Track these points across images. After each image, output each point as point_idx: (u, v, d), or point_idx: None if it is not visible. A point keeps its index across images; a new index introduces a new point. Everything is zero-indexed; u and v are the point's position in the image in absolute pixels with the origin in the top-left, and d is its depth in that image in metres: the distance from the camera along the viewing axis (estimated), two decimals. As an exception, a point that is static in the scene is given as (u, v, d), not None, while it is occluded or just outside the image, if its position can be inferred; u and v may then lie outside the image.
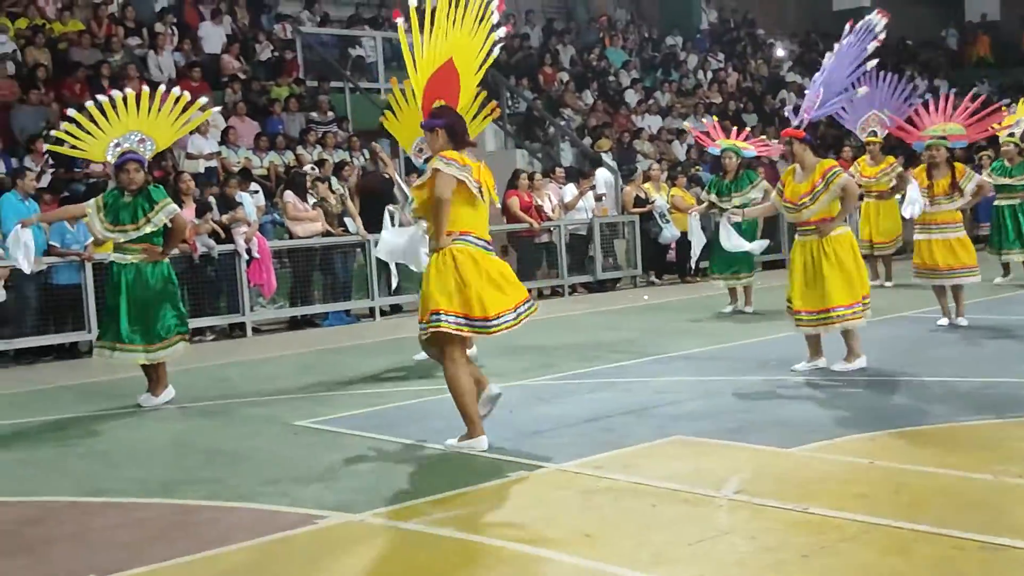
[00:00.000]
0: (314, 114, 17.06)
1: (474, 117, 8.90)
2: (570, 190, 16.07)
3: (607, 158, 17.93)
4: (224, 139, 15.20)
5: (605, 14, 25.63)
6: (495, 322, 6.11)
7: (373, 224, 14.47)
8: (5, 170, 12.82)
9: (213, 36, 17.73)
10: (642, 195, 16.38)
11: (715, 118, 14.52)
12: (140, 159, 8.24)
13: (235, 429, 7.34)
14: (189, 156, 14.60)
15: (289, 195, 13.70)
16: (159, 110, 8.38)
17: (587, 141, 19.06)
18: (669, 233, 16.08)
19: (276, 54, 18.23)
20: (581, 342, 10.53)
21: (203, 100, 8.58)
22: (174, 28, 17.24)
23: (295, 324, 13.31)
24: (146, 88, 8.59)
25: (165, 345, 8.26)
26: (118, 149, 8.28)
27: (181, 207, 12.00)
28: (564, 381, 8.44)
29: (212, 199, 12.73)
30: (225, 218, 12.48)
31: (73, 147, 8.54)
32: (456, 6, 6.51)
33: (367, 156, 16.48)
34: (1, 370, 10.94)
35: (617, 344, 10.26)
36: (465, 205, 6.17)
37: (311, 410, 7.74)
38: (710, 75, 24.68)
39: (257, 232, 12.67)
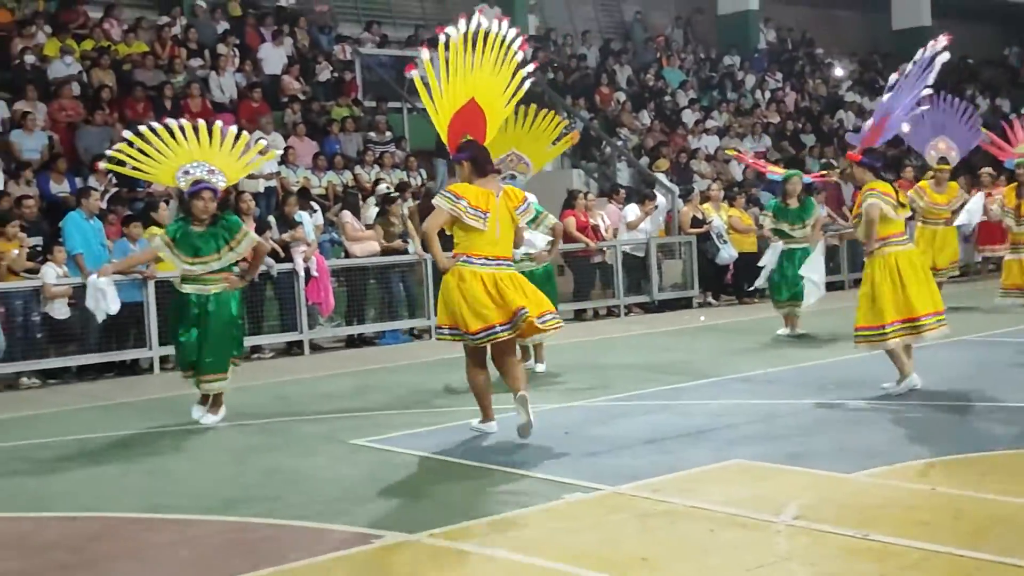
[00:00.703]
0: (372, 134, 17.21)
1: (555, 141, 9.74)
2: (632, 210, 16.01)
3: (664, 178, 17.87)
4: (283, 159, 15.38)
5: (662, 34, 25.60)
6: (479, 335, 6.98)
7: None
8: (70, 190, 13.07)
9: (273, 57, 17.96)
10: (699, 215, 16.32)
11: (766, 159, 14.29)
12: (215, 188, 8.25)
13: (293, 447, 7.40)
14: (249, 176, 14.75)
15: (347, 214, 13.83)
16: (220, 145, 8.45)
17: (644, 161, 19.02)
18: (727, 254, 15.99)
19: (335, 75, 18.43)
20: (637, 363, 10.49)
21: (264, 143, 8.82)
22: (236, 50, 17.50)
23: (351, 343, 13.40)
24: (202, 121, 8.59)
25: (228, 372, 8.40)
26: (189, 176, 8.30)
27: (241, 227, 12.24)
28: (620, 402, 8.41)
29: (272, 218, 12.87)
30: (285, 236, 12.61)
31: (135, 168, 8.62)
32: (474, 51, 7.37)
33: (424, 176, 16.59)
34: (64, 386, 11.13)
35: (674, 365, 10.21)
36: (468, 230, 7.00)
37: (368, 429, 7.79)
38: (768, 95, 24.55)
39: (316, 251, 12.80)
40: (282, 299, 12.63)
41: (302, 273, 12.53)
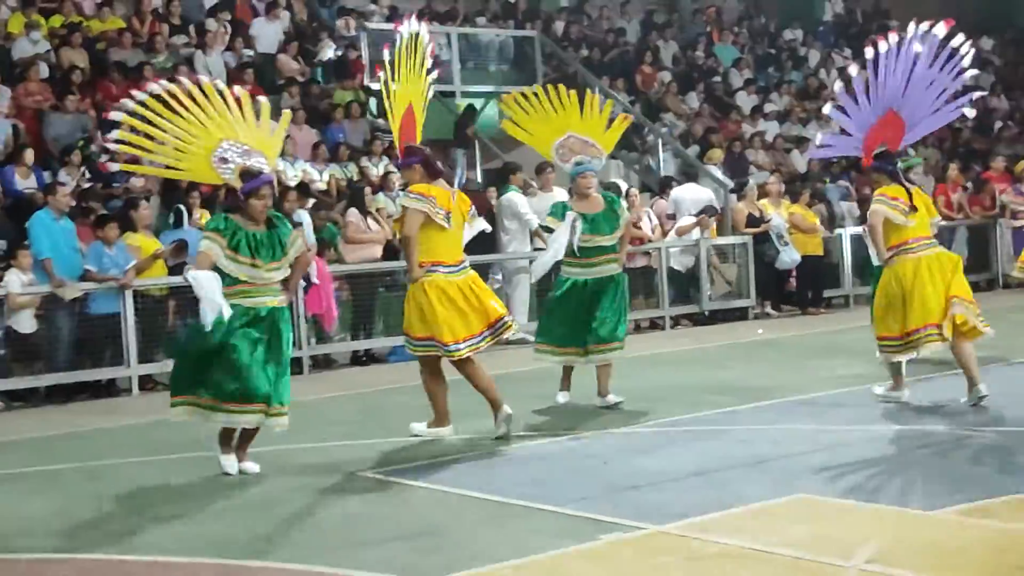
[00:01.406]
0: (380, 121, 17.28)
1: (608, 127, 10.02)
2: (686, 219, 15.99)
3: (716, 171, 17.86)
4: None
5: (713, 5, 25.60)
6: (459, 346, 8.04)
7: (476, 245, 14.63)
8: (38, 185, 13.19)
9: (268, 33, 18.07)
10: (756, 213, 16.30)
11: None
12: (272, 180, 7.61)
13: (291, 479, 7.45)
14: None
15: (354, 213, 13.90)
16: (243, 114, 7.78)
17: (693, 151, 19.03)
18: (788, 257, 15.94)
19: (339, 53, 18.52)
20: (685, 383, 10.51)
21: (264, 101, 8.23)
22: (226, 25, 17.61)
23: (356, 360, 13.48)
24: (204, 80, 7.97)
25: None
26: (230, 165, 7.60)
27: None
28: (665, 428, 8.43)
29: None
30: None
31: (166, 166, 8.00)
32: (409, 59, 8.59)
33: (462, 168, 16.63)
34: (31, 410, 11.23)
35: (727, 386, 10.22)
36: (435, 234, 8.03)
37: (376, 459, 7.84)
38: (835, 74, 24.48)
39: (316, 256, 12.86)
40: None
41: (301, 281, 12.58)
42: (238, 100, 7.80)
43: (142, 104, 7.69)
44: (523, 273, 14.55)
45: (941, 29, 9.05)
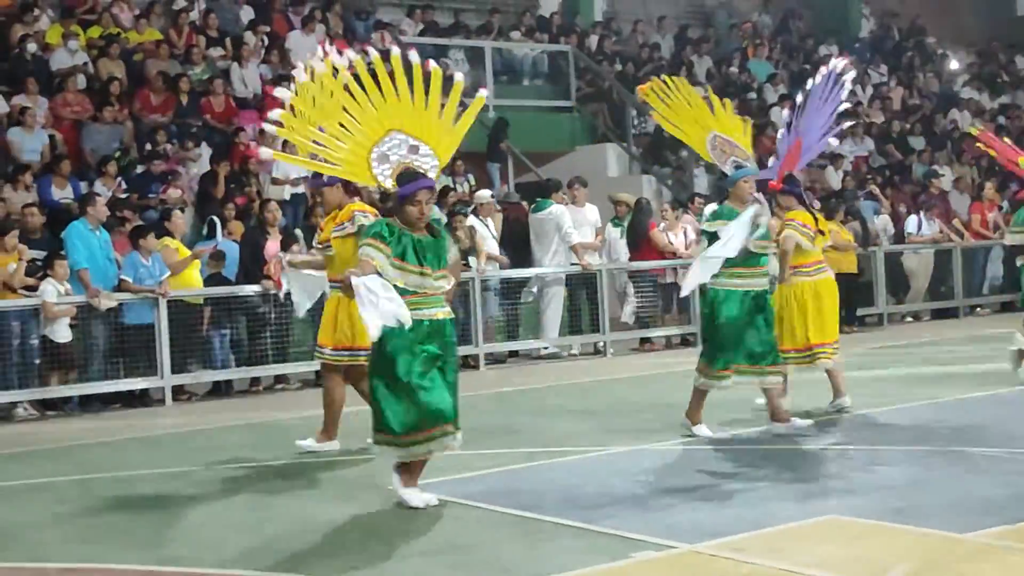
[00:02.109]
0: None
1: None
2: (690, 221, 16.01)
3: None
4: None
5: (748, 20, 25.56)
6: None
7: (521, 260, 14.72)
8: (74, 196, 13.29)
9: (304, 47, 18.14)
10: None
11: None
12: (433, 186, 6.82)
13: (322, 492, 7.46)
14: (274, 182, 14.97)
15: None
16: (426, 100, 6.84)
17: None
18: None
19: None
20: (716, 400, 10.42)
21: (460, 77, 7.26)
22: (263, 38, 17.71)
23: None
24: (396, 51, 6.97)
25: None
26: (389, 165, 6.78)
27: (266, 238, 12.40)
28: (697, 446, 8.39)
29: (299, 231, 12.99)
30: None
31: (323, 159, 6.91)
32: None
33: (472, 182, 16.68)
34: (64, 419, 11.31)
35: (758, 404, 10.15)
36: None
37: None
38: (871, 90, 24.40)
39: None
40: (311, 322, 12.71)
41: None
42: (427, 78, 6.86)
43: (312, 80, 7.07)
44: (558, 286, 14.58)
45: (842, 63, 9.66)
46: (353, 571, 5.62)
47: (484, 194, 14.97)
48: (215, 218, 12.97)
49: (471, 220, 14.22)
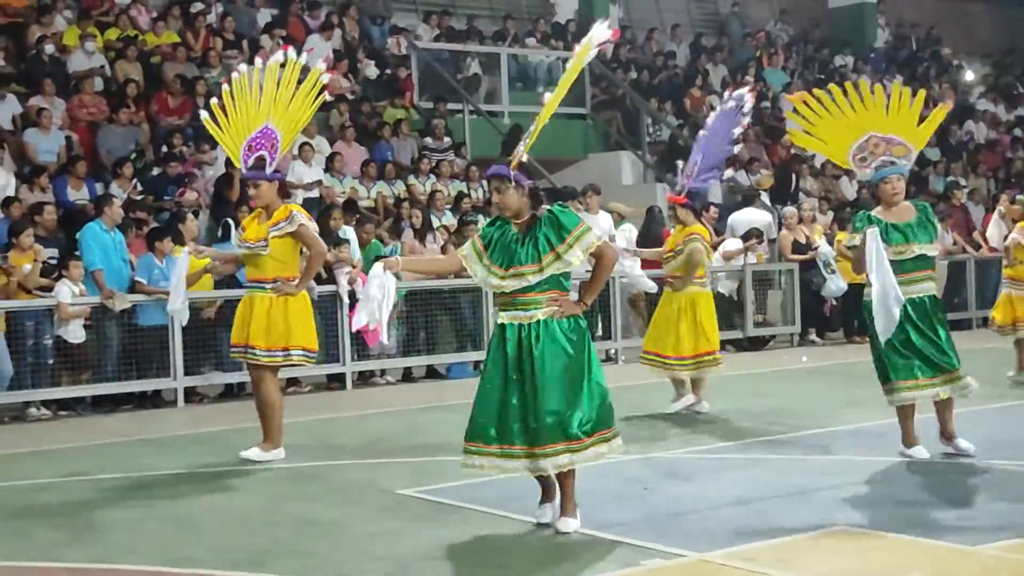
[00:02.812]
0: (428, 139, 17.36)
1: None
2: (733, 242, 15.94)
3: (766, 198, 17.81)
4: (328, 166, 15.57)
5: (763, 29, 25.55)
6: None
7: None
8: (89, 197, 13.34)
9: (320, 51, 18.19)
10: (803, 240, 16.21)
11: None
12: (506, 173, 6.53)
13: (332, 496, 7.47)
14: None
15: (408, 234, 14.01)
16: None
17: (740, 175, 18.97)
18: (835, 285, 15.83)
19: (389, 72, 18.62)
20: (727, 409, 10.45)
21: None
22: (281, 42, 17.74)
23: (407, 376, 13.57)
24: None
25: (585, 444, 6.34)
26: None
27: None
28: (708, 455, 8.39)
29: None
30: (329, 257, 12.72)
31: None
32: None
33: (486, 188, 16.69)
34: (77, 419, 11.34)
35: (770, 414, 10.16)
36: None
37: (418, 477, 7.84)
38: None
39: (362, 272, 12.90)
40: (323, 326, 12.75)
41: (346, 297, 12.65)
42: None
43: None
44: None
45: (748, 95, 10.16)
46: (357, 574, 5.62)
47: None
48: (230, 220, 12.99)
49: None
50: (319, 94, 8.79)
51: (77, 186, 13.55)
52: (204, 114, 9.05)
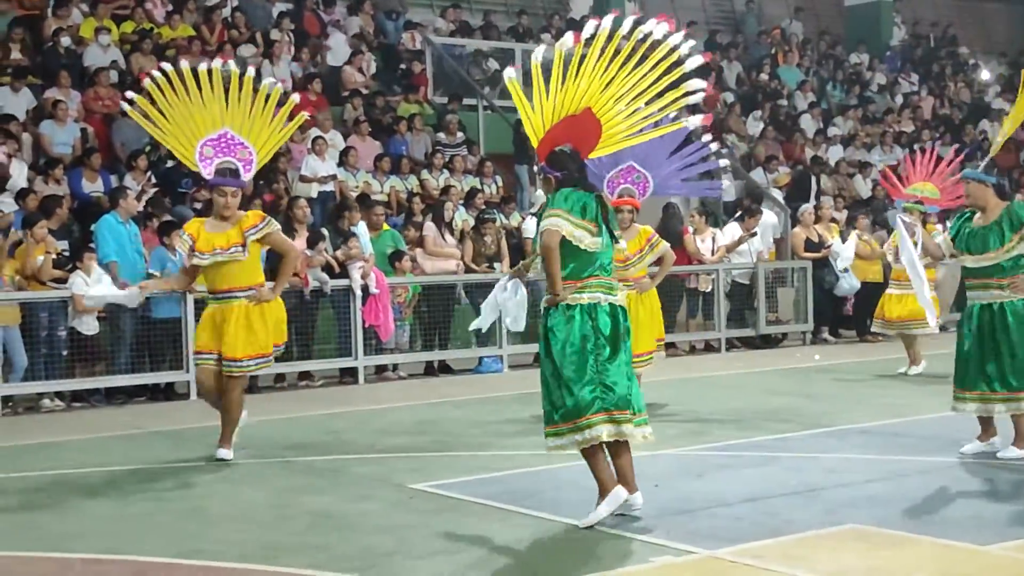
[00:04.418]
0: (441, 135, 17.39)
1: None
2: (732, 229, 16.01)
3: (779, 195, 17.81)
4: (342, 160, 15.61)
5: (778, 26, 25.52)
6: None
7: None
8: (104, 189, 13.40)
9: (335, 46, 18.23)
10: (815, 238, 16.21)
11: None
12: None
13: (343, 490, 7.50)
14: (303, 179, 15.05)
15: (431, 227, 14.04)
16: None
17: (756, 174, 18.96)
18: (847, 284, 15.85)
19: (404, 67, 18.65)
20: (739, 407, 10.46)
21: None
22: (290, 35, 17.79)
23: (429, 370, 13.63)
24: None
25: None
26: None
27: (293, 236, 12.47)
28: (718, 452, 8.40)
29: (325, 230, 13.05)
30: (339, 254, 12.76)
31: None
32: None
33: (499, 183, 16.73)
34: (90, 410, 11.39)
35: (781, 412, 10.17)
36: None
37: (429, 472, 7.87)
38: (901, 99, 24.34)
39: (375, 267, 12.94)
40: (337, 320, 12.80)
41: (359, 291, 12.69)
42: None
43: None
44: None
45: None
46: (373, 569, 5.66)
47: (542, 194, 14.74)
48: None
49: (529, 222, 14.23)
50: (289, 117, 8.81)
51: (92, 178, 13.61)
52: (125, 105, 9.15)
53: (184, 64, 8.73)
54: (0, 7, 16.09)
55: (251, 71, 8.81)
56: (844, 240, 15.96)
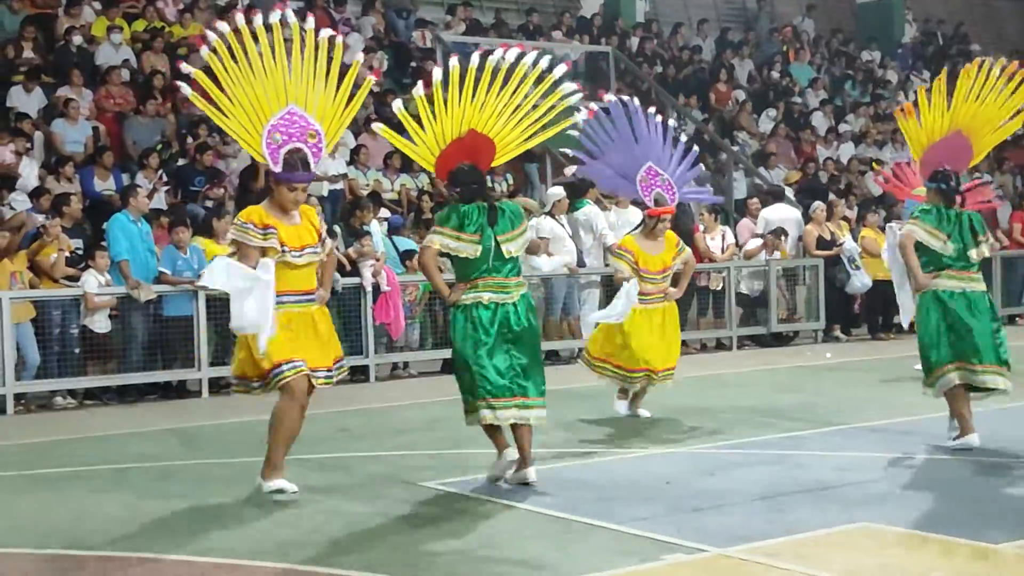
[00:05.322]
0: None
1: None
2: (746, 225, 16.00)
3: (790, 193, 17.79)
4: (353, 158, 15.62)
5: (790, 24, 25.49)
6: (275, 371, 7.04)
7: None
8: (116, 188, 13.43)
9: (352, 44, 18.22)
10: (827, 236, 16.19)
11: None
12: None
13: (355, 488, 7.52)
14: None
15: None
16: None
17: (770, 172, 18.94)
18: (859, 282, 15.80)
19: (415, 64, 18.66)
20: (751, 405, 10.46)
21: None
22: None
23: (446, 368, 13.65)
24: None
25: None
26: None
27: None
28: (730, 450, 8.40)
29: (337, 228, 13.06)
30: (351, 251, 12.78)
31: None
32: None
33: (509, 182, 16.73)
34: (102, 408, 11.43)
35: (793, 410, 10.16)
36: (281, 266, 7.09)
37: (440, 470, 7.89)
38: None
39: (386, 265, 12.96)
40: (347, 318, 12.81)
41: (370, 289, 12.71)
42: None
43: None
44: (594, 288, 14.57)
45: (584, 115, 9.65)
46: (385, 567, 5.67)
47: (557, 191, 14.63)
48: None
49: (544, 220, 14.21)
50: (355, 85, 7.47)
51: (104, 177, 13.65)
52: (185, 88, 7.37)
53: (240, 20, 7.31)
54: (13, 5, 16.13)
55: (311, 22, 7.41)
56: (856, 238, 15.96)
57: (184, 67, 7.35)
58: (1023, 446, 8.20)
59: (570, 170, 10.54)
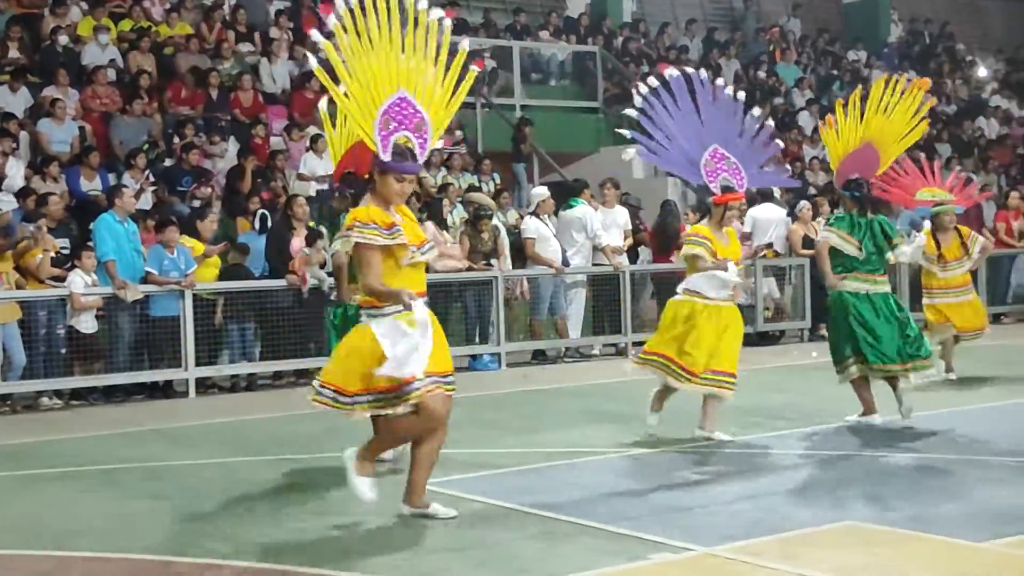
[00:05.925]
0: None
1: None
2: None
3: (777, 193, 17.79)
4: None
5: (776, 24, 25.54)
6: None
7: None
8: (102, 187, 13.40)
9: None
10: (813, 235, 16.20)
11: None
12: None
13: (343, 487, 7.49)
14: (300, 177, 15.05)
15: (431, 226, 14.04)
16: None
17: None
18: (846, 281, 15.83)
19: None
20: (736, 404, 10.40)
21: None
22: (289, 32, 17.78)
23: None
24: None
25: None
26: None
27: (291, 234, 12.48)
28: (716, 449, 8.41)
29: (324, 229, 13.06)
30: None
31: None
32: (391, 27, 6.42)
33: (497, 181, 16.73)
34: (89, 408, 11.40)
35: (779, 409, 10.18)
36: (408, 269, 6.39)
37: (428, 469, 7.86)
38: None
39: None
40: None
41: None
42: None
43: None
44: (580, 288, 14.59)
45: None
46: (373, 566, 5.67)
47: (541, 191, 14.61)
48: (266, 212, 13.12)
49: (529, 219, 14.23)
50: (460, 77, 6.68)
51: (90, 177, 13.62)
52: (312, 60, 6.77)
53: None
54: (-1, 5, 16.11)
55: (423, 1, 6.55)
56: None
57: (313, 34, 6.55)
58: (1006, 444, 8.22)
59: (628, 154, 9.46)
